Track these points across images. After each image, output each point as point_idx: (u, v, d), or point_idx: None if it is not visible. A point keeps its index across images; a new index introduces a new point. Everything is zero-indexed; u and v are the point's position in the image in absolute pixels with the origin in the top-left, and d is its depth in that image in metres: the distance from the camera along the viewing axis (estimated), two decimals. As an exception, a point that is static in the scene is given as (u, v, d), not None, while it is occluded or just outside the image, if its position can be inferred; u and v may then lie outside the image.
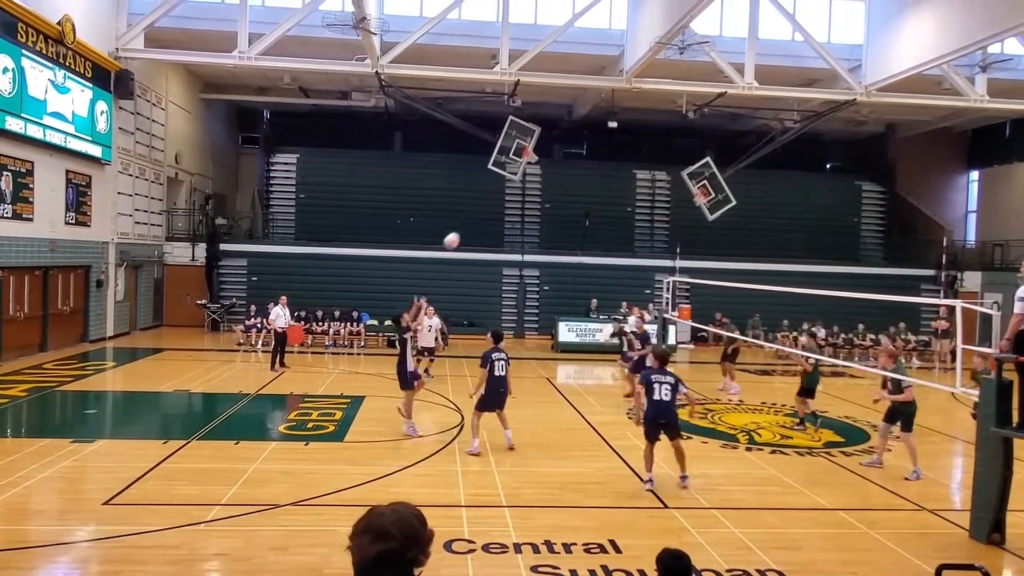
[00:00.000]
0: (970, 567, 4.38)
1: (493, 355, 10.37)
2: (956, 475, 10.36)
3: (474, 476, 9.09)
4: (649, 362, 11.33)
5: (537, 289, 26.73)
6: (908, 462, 9.70)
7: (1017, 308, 7.15)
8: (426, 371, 15.58)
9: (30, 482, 8.33)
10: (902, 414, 9.82)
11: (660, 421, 8.95)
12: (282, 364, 17.02)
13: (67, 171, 18.69)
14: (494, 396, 10.40)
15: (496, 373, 10.32)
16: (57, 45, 17.63)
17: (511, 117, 22.73)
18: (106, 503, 7.70)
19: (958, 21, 18.53)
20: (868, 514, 8.12)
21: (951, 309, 19.83)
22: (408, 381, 11.04)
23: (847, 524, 7.84)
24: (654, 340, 16.16)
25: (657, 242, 29.01)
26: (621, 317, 21.44)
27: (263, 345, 20.40)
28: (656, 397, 8.91)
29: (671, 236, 28.29)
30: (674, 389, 8.92)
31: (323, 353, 20.91)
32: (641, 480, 9.10)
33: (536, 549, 6.78)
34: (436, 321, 16.61)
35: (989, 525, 7.35)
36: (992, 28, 17.42)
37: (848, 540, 7.40)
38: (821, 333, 23.48)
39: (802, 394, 12.47)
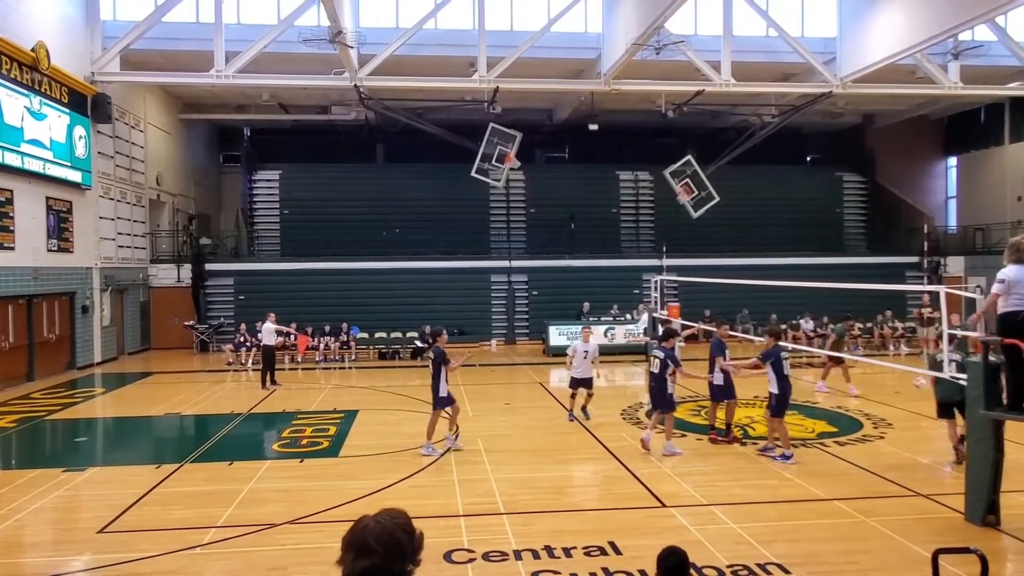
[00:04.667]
0: (966, 550, 4.40)
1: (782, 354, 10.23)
2: (949, 459, 10.41)
3: (471, 485, 9.07)
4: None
5: (526, 294, 26.75)
6: (903, 448, 9.74)
7: (995, 288, 7.17)
8: (583, 409, 12.90)
9: (22, 514, 8.24)
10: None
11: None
12: (273, 382, 16.93)
13: (47, 198, 18.55)
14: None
15: (785, 372, 10.14)
16: (32, 72, 17.52)
17: (492, 124, 22.79)
18: (100, 531, 7.62)
19: (928, 10, 18.77)
20: (864, 503, 8.17)
21: (934, 296, 19.86)
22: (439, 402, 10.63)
23: (844, 514, 7.88)
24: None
25: (643, 242, 29.11)
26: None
27: (253, 364, 20.30)
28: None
29: (657, 235, 28.41)
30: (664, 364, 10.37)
31: (314, 368, 20.82)
32: (636, 477, 9.14)
33: (536, 555, 6.77)
34: (592, 345, 12.80)
35: (984, 507, 7.40)
36: (962, 16, 17.66)
37: (846, 530, 7.43)
38: (809, 325, 23.63)
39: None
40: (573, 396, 12.93)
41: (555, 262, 26.67)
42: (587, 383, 12.65)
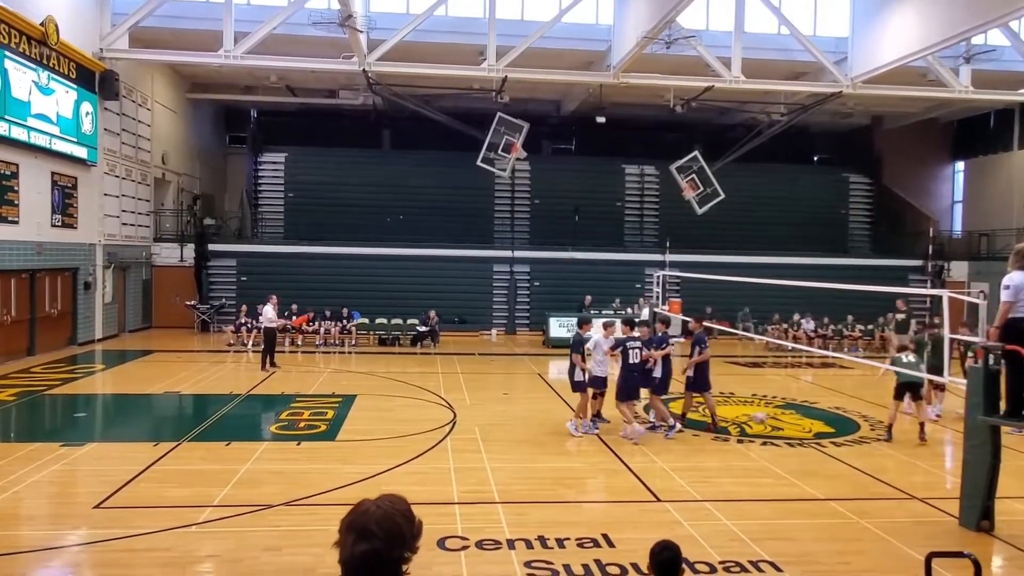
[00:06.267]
0: (959, 555, 4.42)
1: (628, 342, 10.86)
2: (945, 464, 10.44)
3: (467, 473, 9.10)
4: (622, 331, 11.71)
5: (528, 285, 26.75)
6: (899, 451, 9.78)
7: (1004, 296, 7.17)
8: (596, 416, 11.87)
9: (20, 487, 8.27)
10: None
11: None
12: (273, 364, 16.95)
13: (52, 173, 18.54)
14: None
15: (630, 361, 10.79)
16: (40, 46, 17.47)
17: (499, 114, 22.70)
18: (97, 506, 7.65)
19: (942, 13, 18.64)
20: (859, 504, 8.18)
21: (907, 300, 19.28)
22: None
23: (839, 514, 7.89)
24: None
25: (647, 236, 29.07)
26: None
27: (254, 345, 20.34)
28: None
29: (661, 230, 28.36)
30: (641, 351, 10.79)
31: (314, 352, 20.85)
32: (631, 471, 9.17)
33: (529, 544, 6.79)
34: (612, 341, 11.56)
35: (978, 513, 7.41)
36: (975, 19, 17.55)
37: (840, 530, 7.45)
38: (810, 325, 23.62)
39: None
40: (595, 397, 11.76)
41: (558, 254, 26.64)
42: (605, 383, 11.62)
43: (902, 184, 31.62)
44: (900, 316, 19.86)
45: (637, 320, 13.62)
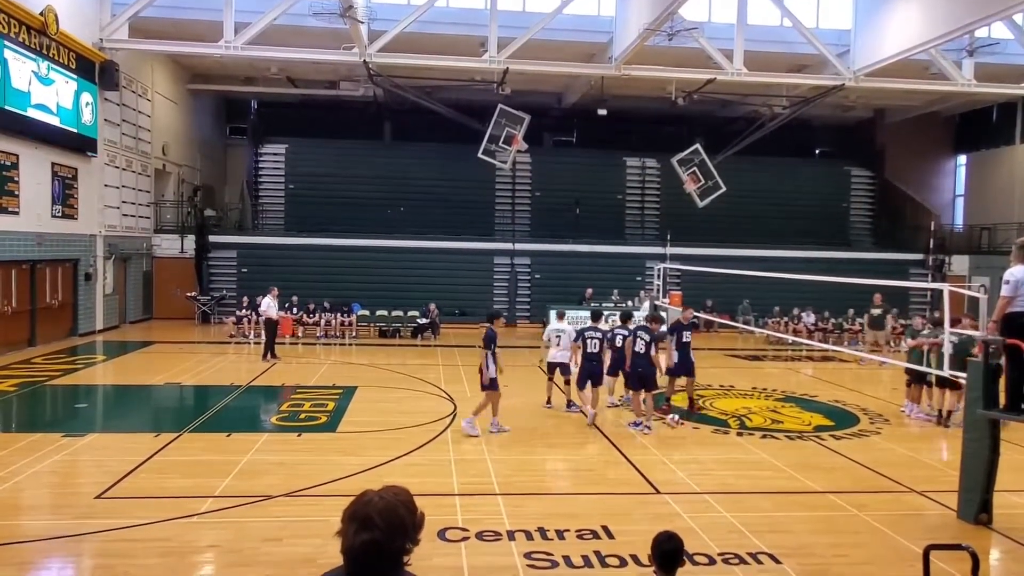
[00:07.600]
0: (957, 547, 4.44)
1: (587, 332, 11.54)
2: (944, 457, 10.46)
3: (467, 464, 9.13)
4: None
5: (528, 277, 26.75)
6: (898, 444, 9.81)
7: (1004, 290, 7.19)
8: (569, 405, 12.45)
9: (21, 477, 8.30)
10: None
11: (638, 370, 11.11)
12: (273, 355, 16.98)
13: (52, 164, 18.51)
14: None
15: (589, 350, 11.49)
16: (40, 36, 17.41)
17: (500, 105, 22.64)
18: (98, 497, 7.68)
19: (945, 5, 18.58)
20: (858, 497, 8.20)
21: (884, 294, 19.08)
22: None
23: (837, 507, 7.91)
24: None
25: (648, 229, 29.04)
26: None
27: (255, 337, 20.38)
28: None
29: (661, 223, 28.33)
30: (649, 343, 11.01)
31: (315, 344, 20.87)
32: (631, 463, 9.19)
33: (529, 536, 6.82)
34: (571, 328, 12.81)
35: (977, 506, 7.43)
36: (979, 12, 17.49)
37: (838, 523, 7.47)
38: (810, 318, 23.62)
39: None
40: (567, 383, 12.68)
41: (558, 246, 26.64)
42: (568, 369, 12.49)
43: (904, 178, 31.57)
44: (876, 311, 19.61)
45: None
